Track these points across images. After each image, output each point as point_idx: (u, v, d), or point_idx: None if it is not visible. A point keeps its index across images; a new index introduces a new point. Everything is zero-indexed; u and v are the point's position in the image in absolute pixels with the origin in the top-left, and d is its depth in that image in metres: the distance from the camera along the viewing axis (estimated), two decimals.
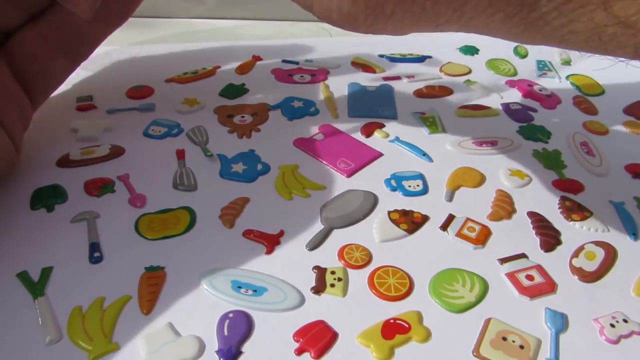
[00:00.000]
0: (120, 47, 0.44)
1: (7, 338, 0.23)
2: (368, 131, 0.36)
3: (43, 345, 0.23)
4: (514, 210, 0.31)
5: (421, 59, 0.46)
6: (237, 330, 0.24)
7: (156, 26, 0.49)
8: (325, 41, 0.48)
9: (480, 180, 0.33)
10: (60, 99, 0.38)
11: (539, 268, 0.27)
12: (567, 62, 0.47)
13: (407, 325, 0.24)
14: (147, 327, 0.24)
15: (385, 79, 0.43)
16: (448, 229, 0.29)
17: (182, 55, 0.44)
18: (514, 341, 0.24)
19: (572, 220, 0.30)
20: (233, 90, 0.40)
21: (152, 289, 0.25)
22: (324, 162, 0.33)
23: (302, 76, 0.42)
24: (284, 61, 0.44)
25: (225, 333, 0.23)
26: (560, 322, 0.25)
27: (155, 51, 0.45)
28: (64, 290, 0.25)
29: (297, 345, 0.23)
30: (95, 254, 0.27)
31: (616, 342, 0.24)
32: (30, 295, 0.25)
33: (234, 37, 0.48)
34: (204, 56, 0.44)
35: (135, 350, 0.23)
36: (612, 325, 0.25)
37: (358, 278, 0.26)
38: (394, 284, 0.26)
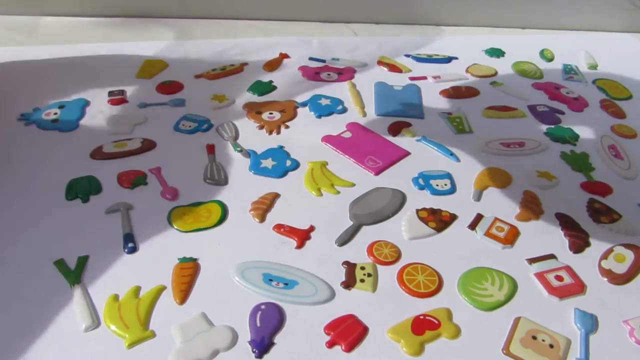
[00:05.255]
0: (147, 43, 0.45)
1: (46, 324, 0.24)
2: (395, 130, 0.37)
3: (80, 331, 0.23)
4: (542, 211, 0.31)
5: (447, 60, 0.46)
6: (269, 322, 0.24)
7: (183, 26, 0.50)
8: (351, 40, 0.49)
9: (508, 180, 0.33)
10: (93, 93, 0.38)
11: (568, 269, 0.27)
12: (593, 67, 0.47)
13: (436, 322, 0.24)
14: (181, 316, 0.24)
15: (412, 78, 0.43)
16: (476, 228, 0.29)
17: (210, 52, 0.45)
18: (543, 340, 0.24)
19: (601, 222, 0.30)
20: (261, 87, 0.40)
21: (186, 279, 0.26)
22: (352, 159, 0.34)
23: (329, 74, 0.42)
24: (311, 59, 0.44)
25: (258, 324, 0.24)
26: (590, 322, 0.25)
27: (183, 47, 0.45)
28: (100, 279, 0.26)
29: (328, 338, 0.24)
30: (129, 244, 0.27)
31: None
32: (67, 282, 0.25)
33: (261, 35, 0.49)
34: (231, 53, 0.45)
35: (170, 338, 0.23)
36: None
37: (387, 274, 0.27)
38: (423, 281, 0.26)
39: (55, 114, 0.36)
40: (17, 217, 0.28)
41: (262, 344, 0.23)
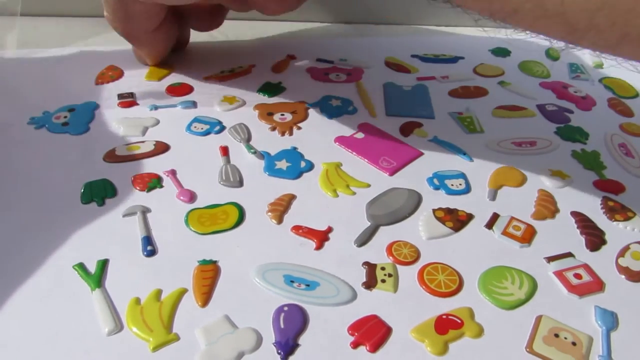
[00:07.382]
0: None
1: (67, 328, 0.24)
2: (406, 130, 0.37)
3: (103, 336, 0.23)
4: (557, 210, 0.31)
5: (454, 60, 0.46)
6: (293, 324, 0.24)
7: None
8: (358, 41, 0.49)
9: (522, 179, 0.33)
10: (103, 95, 0.38)
11: (586, 267, 0.28)
12: (599, 66, 0.47)
13: (459, 321, 0.24)
14: (204, 318, 0.24)
15: (420, 79, 0.43)
16: (493, 228, 0.29)
17: (217, 54, 0.45)
18: (566, 338, 0.24)
19: (616, 220, 0.30)
20: (271, 89, 0.40)
21: (207, 281, 0.26)
22: (365, 160, 0.34)
23: (337, 75, 0.42)
24: (319, 60, 0.45)
25: (282, 326, 0.24)
26: (611, 320, 0.25)
27: (190, 49, 0.45)
28: (120, 282, 0.26)
29: (352, 338, 0.24)
30: (148, 247, 0.27)
31: None
32: (87, 286, 0.25)
33: (266, 37, 0.49)
34: (238, 54, 0.45)
35: (194, 341, 0.23)
36: None
37: (408, 274, 0.27)
38: (443, 281, 0.26)
39: (66, 117, 0.36)
40: (34, 222, 0.28)
41: (287, 346, 0.23)
